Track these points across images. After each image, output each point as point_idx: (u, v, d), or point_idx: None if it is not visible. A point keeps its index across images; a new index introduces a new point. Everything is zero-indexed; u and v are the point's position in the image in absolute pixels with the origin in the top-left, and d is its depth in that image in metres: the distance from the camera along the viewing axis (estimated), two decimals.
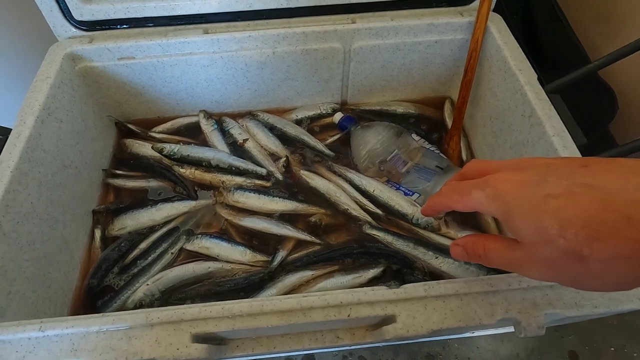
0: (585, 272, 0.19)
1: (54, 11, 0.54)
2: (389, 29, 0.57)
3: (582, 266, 0.19)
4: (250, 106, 0.68)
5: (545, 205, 0.20)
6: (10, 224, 0.42)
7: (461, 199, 0.25)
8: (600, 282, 0.20)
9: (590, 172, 0.20)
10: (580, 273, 0.20)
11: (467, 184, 0.25)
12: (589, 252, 0.18)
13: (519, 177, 0.22)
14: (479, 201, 0.23)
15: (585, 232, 0.18)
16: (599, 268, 0.19)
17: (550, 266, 0.21)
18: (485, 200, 0.23)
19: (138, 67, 0.58)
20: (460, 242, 0.26)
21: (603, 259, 0.18)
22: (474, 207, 0.24)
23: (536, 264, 0.21)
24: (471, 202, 0.24)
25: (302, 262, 0.53)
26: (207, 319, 0.34)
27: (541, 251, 0.20)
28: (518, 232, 0.22)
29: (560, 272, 0.21)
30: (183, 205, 0.58)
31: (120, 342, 0.33)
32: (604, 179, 0.19)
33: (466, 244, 0.26)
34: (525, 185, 0.21)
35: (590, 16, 0.66)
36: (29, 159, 0.45)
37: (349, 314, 0.34)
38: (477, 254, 0.25)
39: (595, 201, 0.18)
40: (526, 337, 0.34)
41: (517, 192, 0.21)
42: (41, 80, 0.51)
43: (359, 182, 0.59)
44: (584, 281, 0.20)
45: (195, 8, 0.56)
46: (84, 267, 0.53)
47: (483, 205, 0.23)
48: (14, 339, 0.33)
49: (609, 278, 0.19)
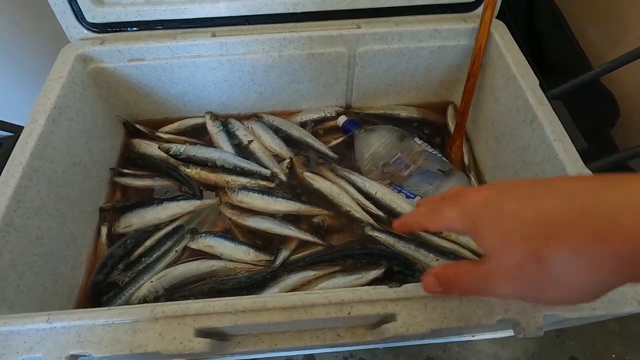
0: (546, 277, 0.19)
1: (67, 13, 0.56)
2: (393, 34, 0.58)
3: (543, 271, 0.19)
4: (256, 108, 0.69)
5: (508, 211, 0.21)
6: (20, 218, 0.43)
7: (434, 218, 0.25)
8: (561, 291, 0.20)
9: (553, 182, 0.21)
10: (541, 281, 0.20)
11: (439, 204, 0.25)
12: (547, 252, 0.19)
13: (486, 192, 0.23)
14: (450, 218, 0.24)
15: (542, 232, 0.19)
16: (558, 271, 0.19)
17: (514, 276, 0.21)
18: (456, 217, 0.24)
19: (147, 68, 0.59)
20: (431, 272, 0.27)
21: (560, 259, 0.19)
22: (446, 226, 0.25)
23: (500, 277, 0.21)
24: (444, 220, 0.25)
25: (305, 262, 0.53)
26: (210, 314, 0.35)
27: (505, 259, 0.21)
28: (484, 242, 0.22)
29: (523, 283, 0.20)
30: (188, 204, 0.59)
31: (125, 335, 0.34)
32: (561, 185, 0.20)
33: (437, 272, 0.26)
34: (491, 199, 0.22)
35: (593, 23, 0.66)
36: (40, 155, 0.47)
37: (349, 311, 0.34)
38: (448, 279, 0.25)
39: (553, 201, 0.19)
40: (525, 337, 0.34)
41: (484, 206, 0.22)
42: (53, 80, 0.53)
43: (361, 185, 0.60)
44: (546, 292, 0.20)
45: (204, 12, 0.57)
46: (90, 263, 0.54)
47: (454, 223, 0.24)
48: (23, 330, 0.34)
49: (570, 281, 0.19)
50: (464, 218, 0.23)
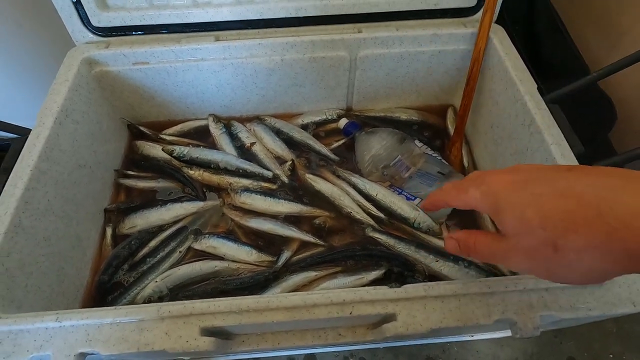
0: (559, 262, 0.22)
1: (72, 17, 0.57)
2: (394, 39, 0.59)
3: (557, 256, 0.21)
4: (258, 111, 0.70)
5: (530, 199, 0.22)
6: (29, 219, 0.44)
7: (458, 195, 0.27)
8: (571, 273, 0.22)
9: (572, 175, 0.22)
10: (554, 263, 0.22)
11: (465, 182, 0.27)
12: (564, 242, 0.21)
13: (511, 177, 0.24)
14: (474, 197, 0.26)
15: (562, 225, 0.21)
16: (571, 258, 0.21)
17: (529, 255, 0.23)
18: (480, 197, 0.25)
19: (151, 71, 0.60)
20: (454, 236, 0.29)
21: (575, 248, 0.21)
22: (469, 204, 0.27)
23: (517, 254, 0.24)
24: (467, 198, 0.26)
25: (306, 263, 0.54)
26: (215, 314, 0.35)
27: (523, 241, 0.23)
28: (505, 224, 0.24)
29: (537, 261, 0.23)
30: (191, 205, 0.60)
31: (132, 334, 0.35)
32: (583, 181, 0.21)
33: (459, 237, 0.28)
34: (515, 184, 0.24)
35: (591, 28, 0.67)
36: (47, 158, 0.47)
37: (351, 311, 0.35)
38: (468, 246, 0.27)
39: (572, 198, 0.21)
40: (522, 337, 0.35)
41: (507, 190, 0.24)
42: (60, 83, 0.53)
43: (362, 187, 0.61)
44: (557, 271, 0.22)
45: (207, 16, 0.58)
46: (96, 263, 0.55)
47: (477, 202, 0.26)
48: (32, 329, 0.35)
49: (580, 268, 0.21)
50: (487, 198, 0.25)
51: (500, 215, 0.24)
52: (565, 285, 0.36)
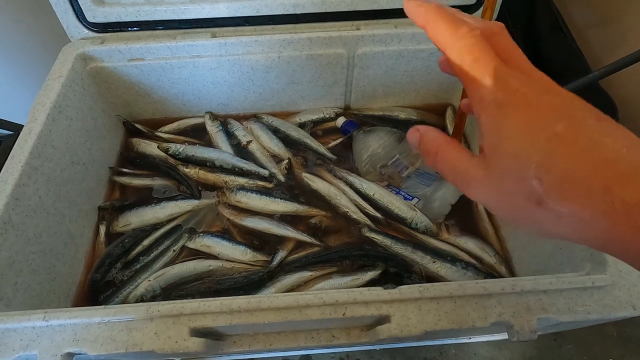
0: (531, 216, 0.18)
1: (67, 13, 0.56)
2: (392, 36, 0.58)
3: (534, 211, 0.18)
4: (255, 109, 0.69)
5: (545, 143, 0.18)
6: (19, 216, 0.43)
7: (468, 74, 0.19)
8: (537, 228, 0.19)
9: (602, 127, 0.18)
10: (524, 215, 0.19)
11: (487, 68, 0.19)
12: (553, 204, 0.17)
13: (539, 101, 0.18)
14: (480, 95, 0.19)
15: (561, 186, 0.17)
16: (547, 218, 0.18)
17: (502, 197, 0.19)
18: (489, 101, 0.19)
19: (147, 68, 0.60)
20: (420, 129, 0.23)
21: (559, 213, 0.18)
22: (468, 91, 0.20)
23: (489, 188, 0.19)
24: (474, 88, 0.19)
25: (302, 263, 0.54)
26: (205, 314, 0.35)
27: (506, 181, 0.19)
28: (497, 151, 0.19)
29: (507, 206, 0.19)
30: (186, 204, 0.59)
31: (120, 334, 0.34)
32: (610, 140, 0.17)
33: (424, 135, 0.23)
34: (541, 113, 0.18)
35: (593, 27, 0.66)
36: (39, 154, 0.47)
37: (344, 312, 0.35)
38: (428, 151, 0.22)
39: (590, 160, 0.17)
40: (519, 341, 0.34)
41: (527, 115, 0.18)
42: (53, 79, 0.53)
43: (359, 186, 0.60)
44: (522, 221, 0.19)
45: (204, 12, 0.57)
46: (88, 261, 0.55)
47: (482, 102, 0.19)
48: (19, 328, 0.34)
49: (550, 229, 0.18)
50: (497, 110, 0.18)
51: (499, 137, 0.18)
52: (563, 288, 0.35)
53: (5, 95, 0.80)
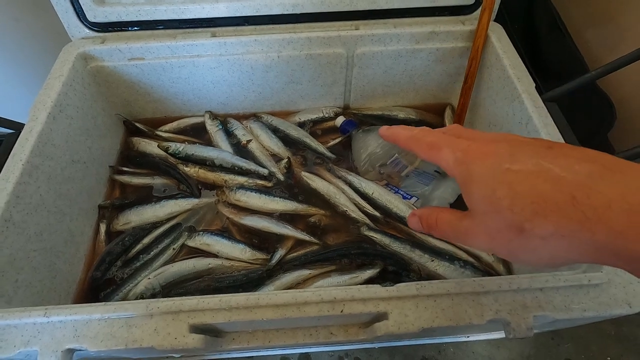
0: (523, 245, 0.20)
1: (68, 12, 0.56)
2: (391, 36, 0.59)
3: (521, 239, 0.20)
4: (255, 108, 0.70)
5: (503, 177, 0.21)
6: (20, 214, 0.43)
7: (430, 151, 0.25)
8: (533, 257, 0.21)
9: (551, 154, 0.21)
10: (517, 246, 0.21)
11: (441, 139, 0.25)
12: (530, 226, 0.20)
13: (488, 148, 0.23)
14: (446, 161, 0.24)
15: (531, 208, 0.19)
16: (536, 244, 0.20)
17: (493, 236, 0.22)
18: (453, 163, 0.24)
19: (147, 67, 0.60)
20: (417, 213, 0.27)
21: (541, 235, 0.19)
22: (437, 163, 0.25)
23: (480, 233, 0.22)
24: (439, 159, 0.25)
25: (300, 261, 0.54)
26: (204, 311, 0.35)
27: (488, 221, 0.22)
28: (472, 199, 0.22)
29: (499, 243, 0.22)
30: (186, 202, 0.59)
31: (120, 330, 0.35)
32: (561, 162, 0.20)
33: (422, 214, 0.27)
34: (491, 157, 0.22)
35: (591, 27, 0.66)
36: (39, 153, 0.47)
37: (342, 309, 0.35)
38: (430, 224, 0.26)
39: (547, 181, 0.19)
40: (515, 338, 0.34)
41: (482, 161, 0.22)
42: (54, 78, 0.53)
43: (358, 185, 0.60)
44: (519, 254, 0.21)
45: (204, 12, 0.57)
46: (89, 259, 0.55)
47: (449, 167, 0.24)
48: (20, 324, 0.35)
49: (543, 254, 0.20)
50: (460, 167, 0.23)
51: (470, 188, 0.22)
52: (559, 285, 0.35)
53: (5, 94, 0.80)
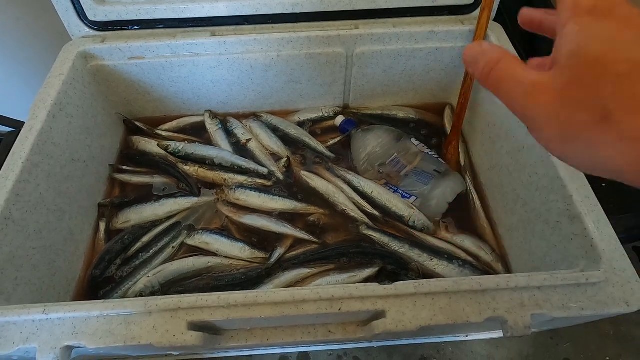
0: (591, 136, 0.17)
1: (69, 11, 0.56)
2: (390, 36, 0.59)
3: (595, 128, 0.17)
4: (255, 107, 0.70)
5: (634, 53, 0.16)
6: (19, 212, 0.44)
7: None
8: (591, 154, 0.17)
9: None
10: (584, 133, 0.17)
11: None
12: (621, 117, 0.16)
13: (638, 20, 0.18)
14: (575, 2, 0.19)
15: (634, 100, 0.16)
16: (608, 140, 0.16)
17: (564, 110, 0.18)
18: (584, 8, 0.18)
19: (147, 66, 0.60)
20: (477, 47, 0.22)
21: (623, 132, 0.16)
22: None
23: (550, 98, 0.18)
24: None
25: (299, 260, 0.54)
26: (203, 308, 0.35)
27: (576, 88, 0.17)
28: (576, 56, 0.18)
29: (566, 120, 0.18)
30: (186, 201, 0.59)
31: (119, 327, 0.35)
32: None
33: (484, 49, 0.22)
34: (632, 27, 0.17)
35: None
36: (39, 151, 0.47)
37: (340, 307, 0.35)
38: (491, 60, 0.21)
39: None
40: (513, 336, 0.35)
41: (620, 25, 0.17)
42: (54, 76, 0.53)
43: (357, 184, 0.60)
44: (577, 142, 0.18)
45: (204, 11, 0.58)
46: (88, 257, 0.55)
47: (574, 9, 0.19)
48: (19, 321, 0.35)
49: (607, 156, 0.17)
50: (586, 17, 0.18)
51: (584, 43, 0.17)
52: (557, 284, 0.36)
53: (6, 93, 0.81)
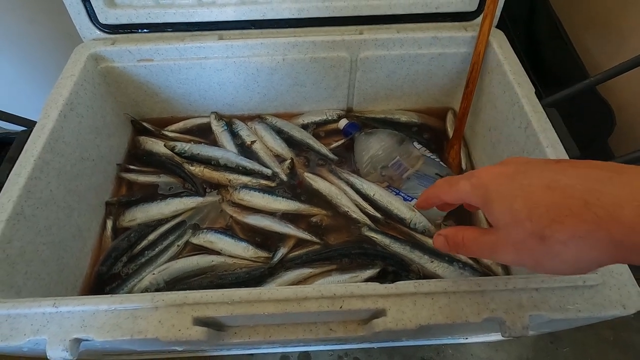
0: (546, 252, 0.22)
1: (81, 14, 0.58)
2: (394, 41, 0.60)
3: (544, 247, 0.22)
4: (260, 110, 0.71)
5: (518, 191, 0.23)
6: (30, 208, 0.45)
7: (450, 189, 0.28)
8: (559, 263, 0.22)
9: (559, 166, 0.23)
10: (541, 254, 0.22)
11: (456, 177, 0.28)
12: (550, 232, 0.21)
13: (500, 170, 0.25)
14: (464, 191, 0.26)
15: (548, 215, 0.21)
16: (558, 249, 0.21)
17: (517, 247, 0.23)
18: (470, 189, 0.26)
19: (156, 68, 0.62)
20: (442, 233, 0.29)
21: (561, 239, 0.21)
22: (460, 197, 0.27)
23: (505, 246, 0.24)
24: (458, 191, 0.27)
25: (302, 260, 0.55)
26: (208, 304, 0.36)
27: (511, 233, 0.23)
28: (494, 215, 0.24)
29: (524, 253, 0.23)
30: (191, 201, 0.60)
31: (126, 321, 0.36)
32: (570, 172, 0.22)
33: (448, 234, 0.29)
34: (504, 176, 0.24)
35: (592, 33, 0.67)
36: (51, 149, 0.49)
37: (341, 305, 0.36)
38: (457, 242, 0.28)
39: (559, 190, 0.21)
40: (511, 337, 0.35)
41: (496, 181, 0.24)
42: (66, 77, 0.55)
43: (360, 186, 0.61)
44: (544, 262, 0.23)
45: (212, 16, 0.59)
46: (95, 254, 0.56)
47: (468, 194, 0.26)
48: (30, 313, 0.36)
49: (567, 258, 0.22)
50: (477, 191, 0.26)
51: (490, 206, 0.24)
52: (555, 286, 0.36)
53: (19, 93, 0.82)
